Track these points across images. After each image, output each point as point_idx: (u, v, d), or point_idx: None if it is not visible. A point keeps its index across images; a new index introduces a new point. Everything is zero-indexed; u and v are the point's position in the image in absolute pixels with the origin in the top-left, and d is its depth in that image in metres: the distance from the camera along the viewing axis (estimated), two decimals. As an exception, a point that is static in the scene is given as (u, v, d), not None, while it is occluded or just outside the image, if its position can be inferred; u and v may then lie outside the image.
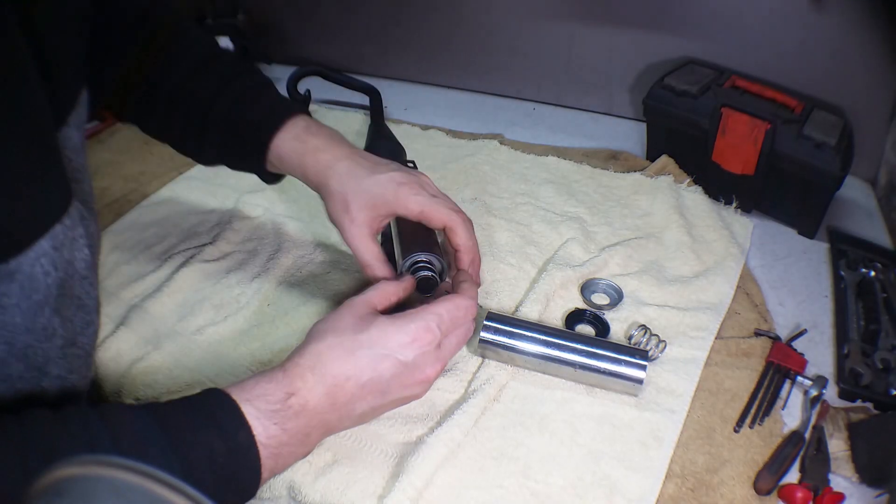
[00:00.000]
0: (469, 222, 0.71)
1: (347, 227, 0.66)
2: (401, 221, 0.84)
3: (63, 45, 0.52)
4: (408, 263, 0.76)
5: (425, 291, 0.74)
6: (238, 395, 0.47)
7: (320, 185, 0.67)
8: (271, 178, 0.77)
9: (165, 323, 0.81)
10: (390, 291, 0.62)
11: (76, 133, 0.55)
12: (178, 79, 0.71)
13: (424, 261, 0.76)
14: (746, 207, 1.01)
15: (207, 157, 0.79)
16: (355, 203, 0.65)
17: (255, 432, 0.45)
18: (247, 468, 0.46)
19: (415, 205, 0.66)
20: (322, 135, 0.69)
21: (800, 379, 0.73)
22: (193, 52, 0.73)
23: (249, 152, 0.71)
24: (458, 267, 0.72)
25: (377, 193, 0.65)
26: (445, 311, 0.58)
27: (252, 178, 1.13)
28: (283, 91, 1.23)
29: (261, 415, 0.46)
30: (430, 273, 0.76)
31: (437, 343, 0.57)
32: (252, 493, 0.48)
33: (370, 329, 0.54)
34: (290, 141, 0.68)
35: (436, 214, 0.67)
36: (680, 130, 1.05)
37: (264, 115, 0.70)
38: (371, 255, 0.67)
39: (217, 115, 0.71)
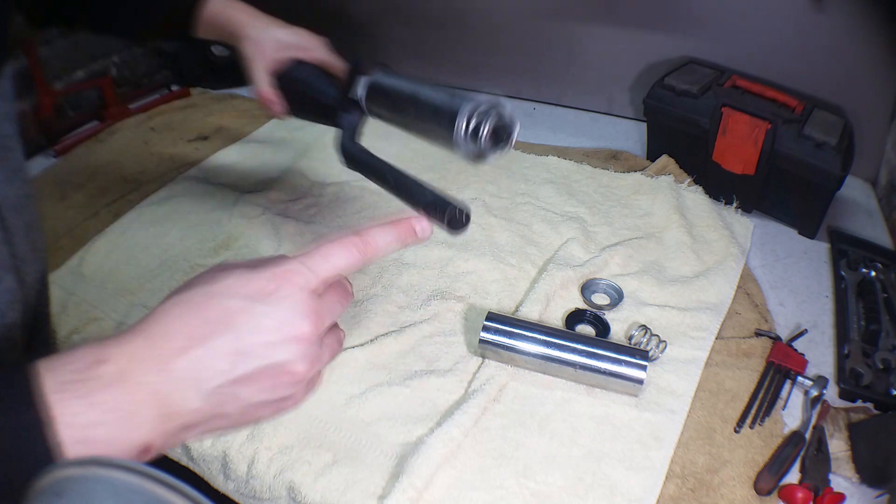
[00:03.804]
0: None
1: (257, 63, 0.74)
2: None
3: None
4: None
5: (457, 227, 0.54)
6: (43, 364, 0.36)
7: (240, 34, 0.75)
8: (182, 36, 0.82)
9: (165, 323, 0.81)
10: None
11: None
12: None
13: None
14: (747, 207, 1.01)
15: (133, 32, 0.85)
16: (269, 45, 0.75)
17: (53, 410, 0.35)
18: (36, 450, 0.35)
19: (322, 54, 0.77)
20: (242, 2, 0.80)
21: (800, 379, 0.73)
22: None
23: (179, 16, 0.79)
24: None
25: (287, 39, 0.76)
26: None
27: (252, 178, 1.13)
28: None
29: (61, 387, 0.36)
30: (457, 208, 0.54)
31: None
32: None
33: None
34: (217, 3, 0.78)
35: (337, 64, 0.76)
36: (680, 130, 1.05)
37: None
38: (267, 85, 0.74)
39: None
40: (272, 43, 0.75)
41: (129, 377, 0.36)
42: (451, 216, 0.53)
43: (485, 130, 0.53)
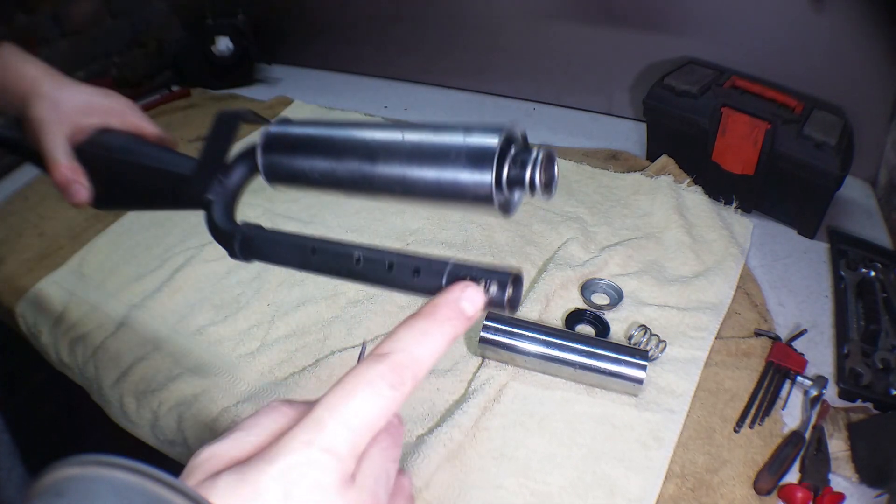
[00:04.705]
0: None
1: (53, 129, 0.57)
2: None
3: None
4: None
5: (516, 306, 0.35)
6: None
7: (32, 93, 0.59)
8: None
9: (165, 323, 0.81)
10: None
11: None
12: None
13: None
14: (746, 207, 1.01)
15: None
16: (69, 106, 0.58)
17: None
18: None
19: (136, 119, 0.61)
20: (32, 56, 0.64)
21: (800, 379, 0.73)
22: None
23: None
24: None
25: (96, 101, 0.60)
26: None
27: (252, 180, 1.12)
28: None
29: None
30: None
31: None
32: None
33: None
34: (5, 58, 0.62)
35: (150, 129, 0.62)
36: (680, 130, 1.05)
37: None
38: (67, 159, 0.56)
39: None
40: (74, 104, 0.58)
41: None
42: (512, 290, 0.33)
43: (536, 170, 0.33)
